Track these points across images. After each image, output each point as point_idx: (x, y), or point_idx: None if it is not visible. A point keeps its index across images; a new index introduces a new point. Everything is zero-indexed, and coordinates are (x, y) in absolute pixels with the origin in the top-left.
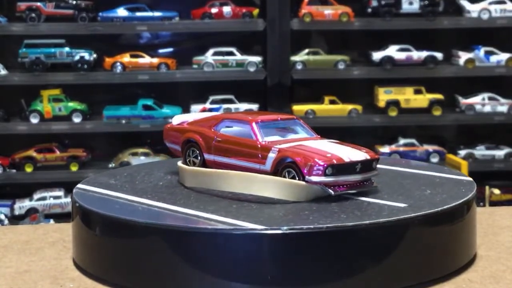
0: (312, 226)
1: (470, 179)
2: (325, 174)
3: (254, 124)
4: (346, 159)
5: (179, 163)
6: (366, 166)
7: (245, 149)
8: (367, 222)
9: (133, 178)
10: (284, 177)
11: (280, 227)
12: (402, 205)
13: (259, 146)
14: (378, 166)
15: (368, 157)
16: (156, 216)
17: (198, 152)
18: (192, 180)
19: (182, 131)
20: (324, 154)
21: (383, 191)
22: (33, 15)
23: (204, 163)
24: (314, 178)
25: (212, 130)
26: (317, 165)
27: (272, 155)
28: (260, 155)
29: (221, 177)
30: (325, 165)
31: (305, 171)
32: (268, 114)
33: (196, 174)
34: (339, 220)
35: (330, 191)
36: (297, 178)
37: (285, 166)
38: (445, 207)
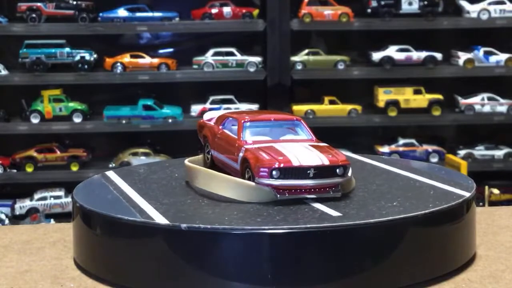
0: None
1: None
2: (271, 177)
3: (241, 123)
4: (295, 163)
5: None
6: (324, 172)
7: (229, 147)
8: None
9: (139, 177)
10: (245, 177)
11: (179, 224)
12: (337, 214)
13: (236, 145)
14: (385, 167)
15: (326, 163)
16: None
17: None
18: (187, 175)
19: (204, 127)
20: (276, 156)
21: (349, 198)
22: (34, 15)
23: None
24: (261, 180)
25: (219, 127)
26: (263, 167)
27: (240, 155)
28: (235, 154)
29: (193, 173)
30: (271, 168)
31: (255, 173)
32: (268, 114)
33: (187, 170)
34: (297, 222)
35: (276, 194)
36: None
37: (246, 166)
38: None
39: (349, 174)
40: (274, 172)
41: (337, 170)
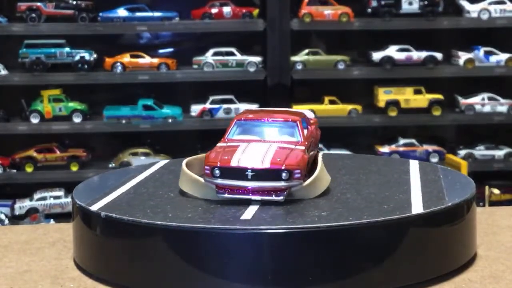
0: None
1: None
2: (213, 175)
3: (233, 121)
4: (234, 164)
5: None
6: (266, 175)
7: None
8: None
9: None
10: None
11: (100, 212)
12: (246, 218)
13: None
14: (414, 173)
15: (266, 166)
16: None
17: None
18: None
19: None
20: (222, 156)
21: (294, 203)
22: (33, 15)
23: None
24: (206, 178)
25: None
26: (206, 165)
27: None
28: None
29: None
30: (211, 166)
31: (202, 170)
32: (267, 113)
33: None
34: (210, 222)
35: (217, 192)
36: None
37: None
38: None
39: (303, 180)
40: (216, 171)
41: (283, 175)
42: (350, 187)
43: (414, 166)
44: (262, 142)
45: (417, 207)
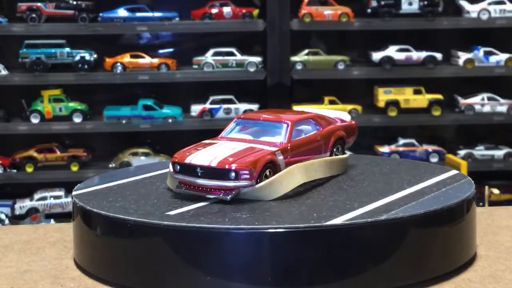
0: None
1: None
2: (174, 170)
3: (233, 119)
4: (187, 161)
5: None
6: (214, 173)
7: None
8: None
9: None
10: None
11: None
12: (169, 214)
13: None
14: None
15: (213, 165)
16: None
17: None
18: None
19: None
20: (186, 152)
21: (237, 203)
22: (34, 15)
23: None
24: (171, 173)
25: None
26: (171, 160)
27: None
28: None
29: None
30: (172, 162)
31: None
32: (269, 113)
33: None
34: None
35: (177, 186)
36: None
37: None
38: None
39: (255, 181)
40: (176, 166)
41: (231, 175)
42: (331, 193)
43: (441, 176)
44: (239, 141)
45: (341, 219)
